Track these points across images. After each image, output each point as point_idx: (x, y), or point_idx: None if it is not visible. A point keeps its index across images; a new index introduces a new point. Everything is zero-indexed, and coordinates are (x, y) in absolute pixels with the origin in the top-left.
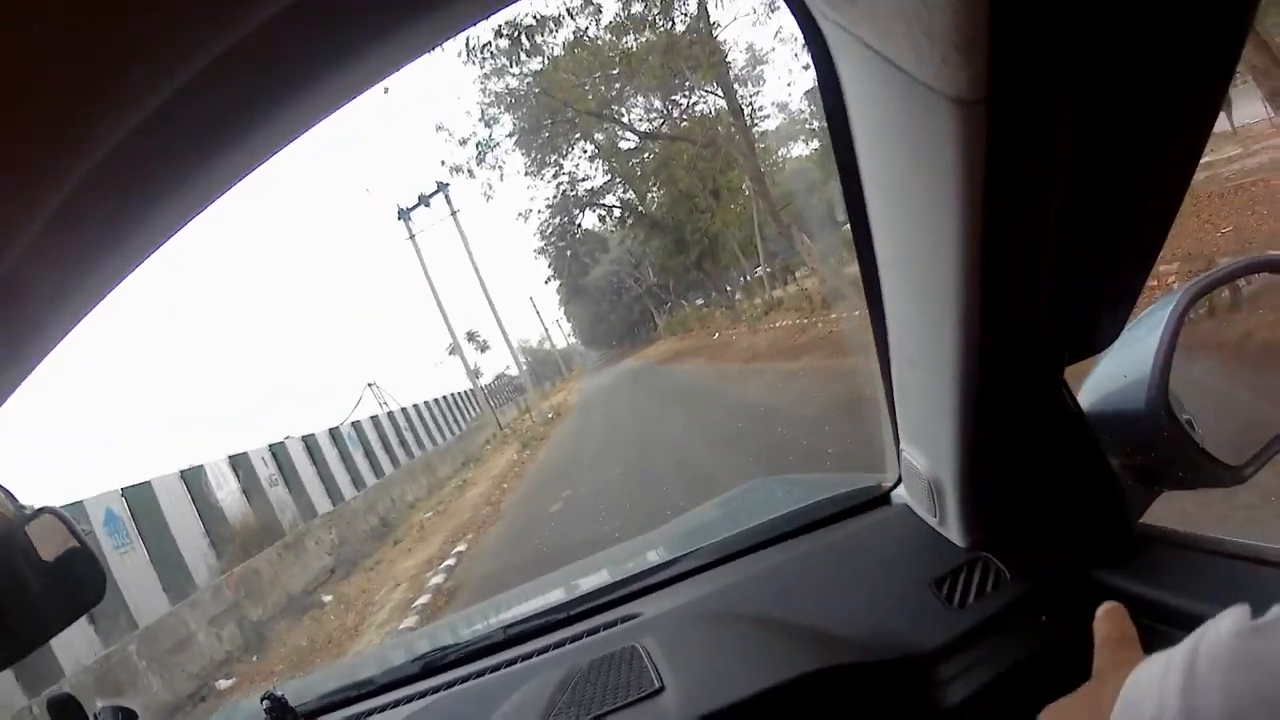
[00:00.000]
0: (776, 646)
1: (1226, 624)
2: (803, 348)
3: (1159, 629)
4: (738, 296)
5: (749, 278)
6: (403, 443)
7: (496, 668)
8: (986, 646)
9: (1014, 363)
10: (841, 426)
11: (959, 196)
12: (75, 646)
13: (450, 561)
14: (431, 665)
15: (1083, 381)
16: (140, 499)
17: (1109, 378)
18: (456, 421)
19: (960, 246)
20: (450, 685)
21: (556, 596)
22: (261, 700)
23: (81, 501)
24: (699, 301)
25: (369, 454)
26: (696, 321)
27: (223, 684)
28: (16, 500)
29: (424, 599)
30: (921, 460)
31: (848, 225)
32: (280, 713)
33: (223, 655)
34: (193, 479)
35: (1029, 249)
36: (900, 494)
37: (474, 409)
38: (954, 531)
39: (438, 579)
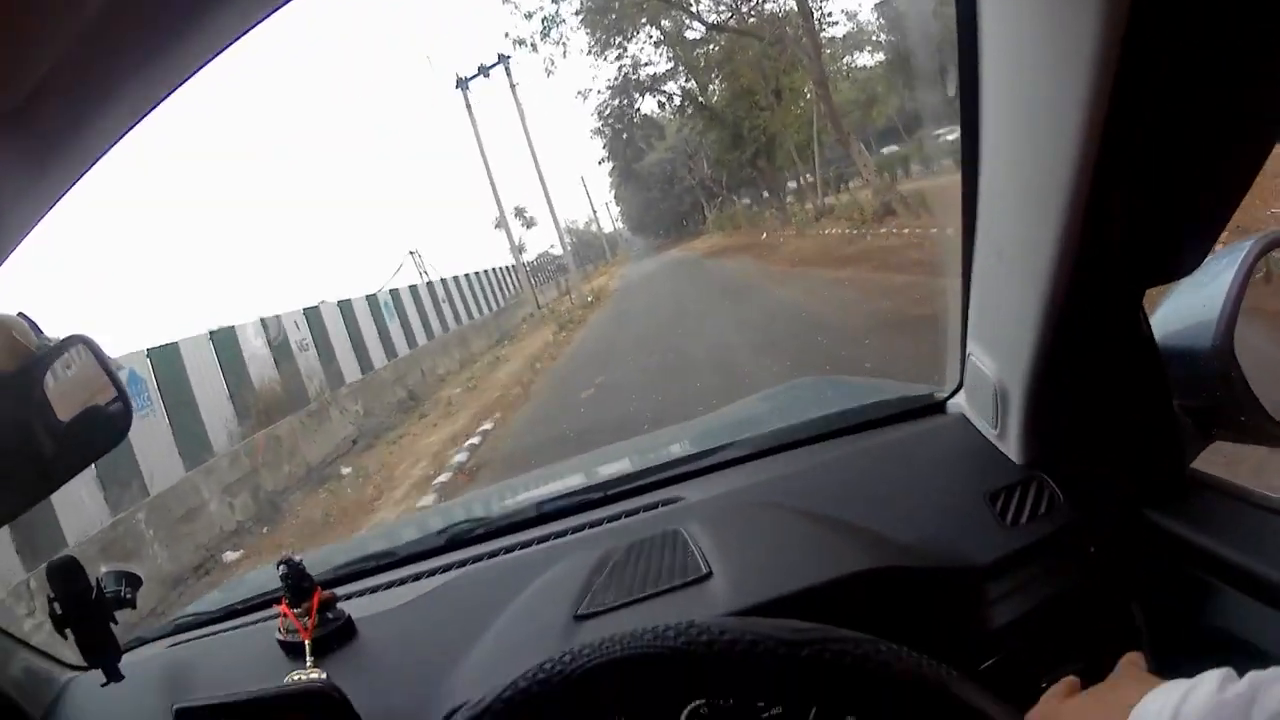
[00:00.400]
0: (827, 542)
1: (1208, 686)
2: (850, 258)
3: (1203, 578)
4: (789, 199)
5: (802, 182)
6: (439, 314)
7: (527, 544)
8: (1034, 571)
9: (1103, 274)
10: (882, 341)
11: (1089, 84)
12: (83, 514)
13: (475, 440)
14: (456, 539)
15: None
16: (166, 360)
17: (1179, 312)
18: (495, 297)
19: (1080, 138)
20: (477, 559)
21: (590, 477)
22: (278, 565)
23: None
24: (747, 201)
25: (404, 323)
26: (745, 220)
27: (229, 556)
28: (40, 330)
29: (444, 477)
30: (991, 364)
31: (908, 141)
32: (297, 578)
33: (233, 526)
34: (222, 340)
35: (1143, 154)
36: (957, 403)
37: (514, 286)
38: (1012, 446)
39: (460, 457)
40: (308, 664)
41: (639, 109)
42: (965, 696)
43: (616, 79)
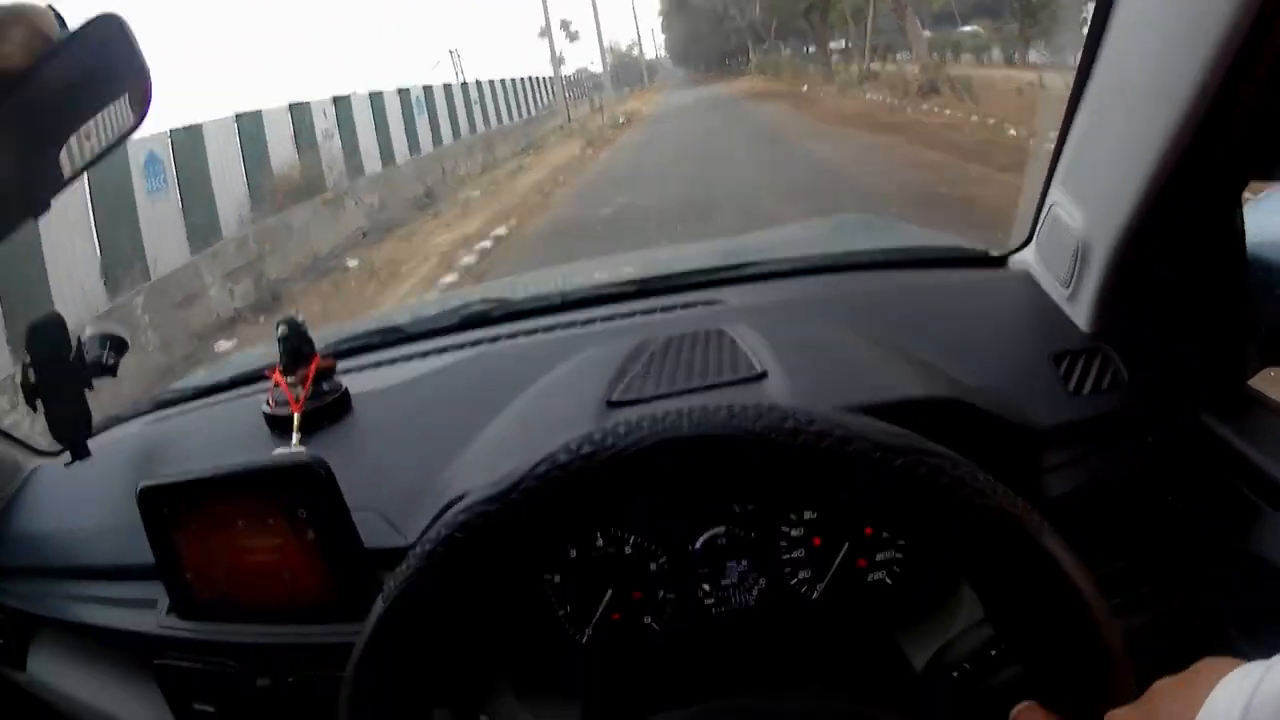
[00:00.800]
0: (890, 363)
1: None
2: (888, 126)
3: (1252, 499)
4: (834, 58)
5: (849, 44)
6: (469, 116)
7: (550, 329)
8: (1092, 447)
9: (1219, 145)
10: (909, 212)
11: None
12: (82, 301)
13: (486, 244)
14: (473, 319)
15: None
16: (187, 142)
17: (1271, 219)
18: (527, 107)
19: None
20: (494, 340)
21: (621, 274)
22: (277, 325)
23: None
24: (791, 52)
25: (432, 121)
26: (789, 69)
27: (222, 345)
28: (66, 26)
29: (450, 278)
30: (1079, 218)
31: (964, 28)
32: (296, 341)
33: (231, 313)
34: (247, 124)
35: None
36: (1021, 260)
37: (547, 99)
38: (1082, 310)
39: (470, 259)
40: (294, 440)
41: None
42: (1054, 552)
43: None
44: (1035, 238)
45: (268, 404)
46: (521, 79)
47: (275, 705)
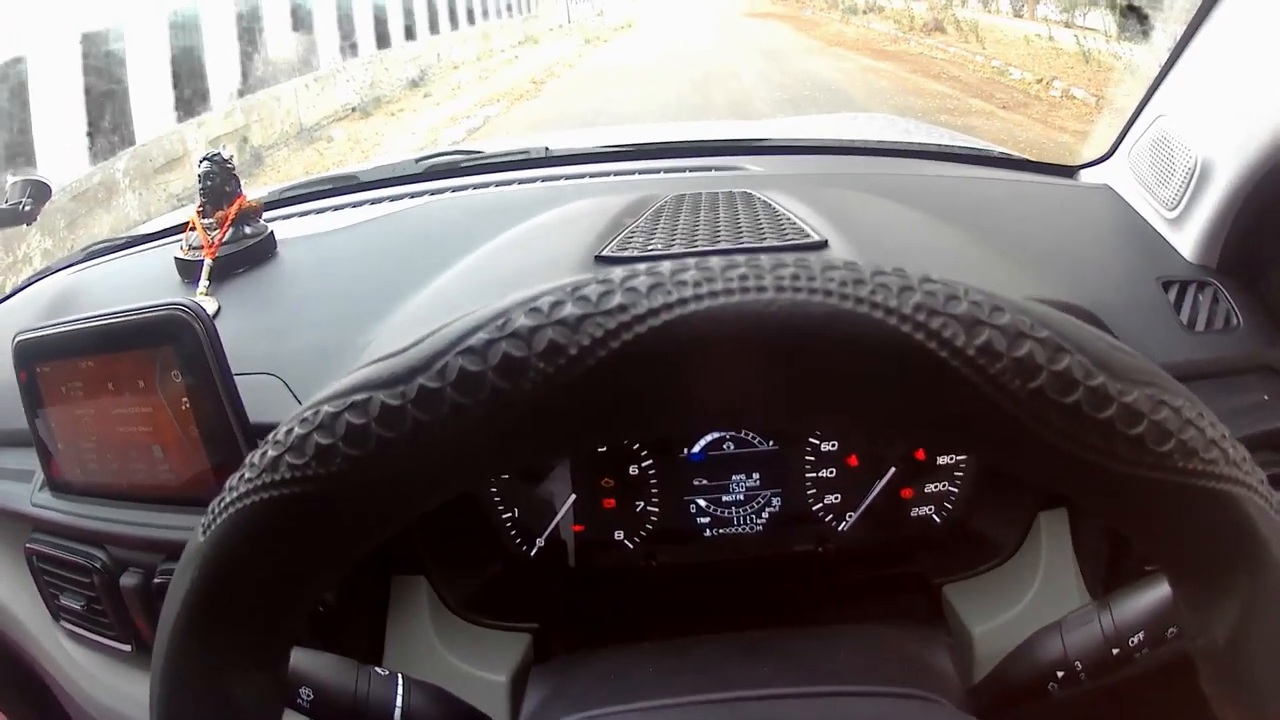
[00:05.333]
0: (975, 253)
1: None
2: (889, 55)
3: None
4: None
5: None
6: (469, 8)
7: (529, 182)
8: (1211, 392)
9: None
10: None
11: None
12: (64, 165)
13: (474, 122)
14: (439, 169)
15: None
16: (181, 17)
17: None
18: (526, 4)
19: None
20: (460, 190)
21: (624, 136)
22: (200, 162)
23: (120, 24)
24: None
25: (432, 7)
26: None
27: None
28: None
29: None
30: (1201, 136)
31: None
32: (219, 179)
33: None
34: (242, 3)
35: None
36: (1099, 175)
37: None
38: (1190, 237)
39: (455, 135)
40: (200, 288)
41: None
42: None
43: None
44: (1126, 152)
45: (181, 248)
46: None
47: (141, 609)
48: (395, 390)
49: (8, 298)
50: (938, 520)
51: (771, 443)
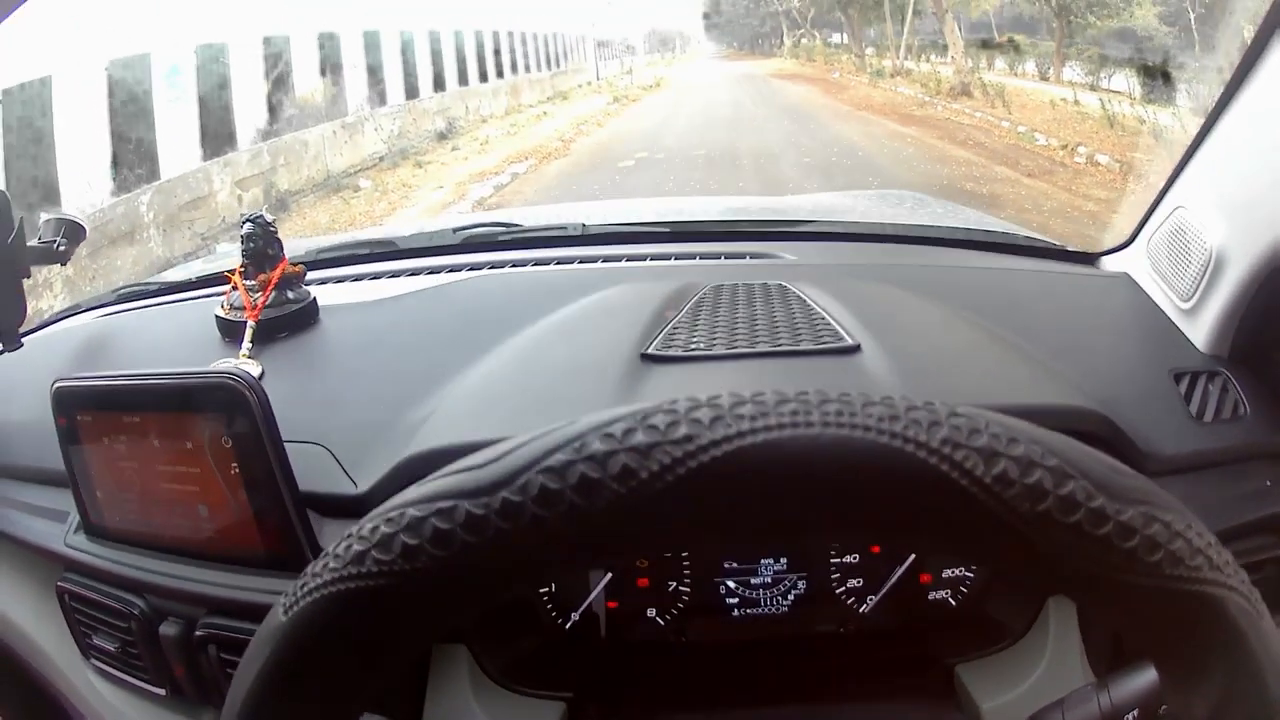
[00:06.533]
0: (1002, 356)
1: None
2: (916, 119)
3: None
4: (869, 51)
5: (885, 39)
6: (497, 61)
7: (567, 261)
8: (1218, 483)
9: None
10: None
11: None
12: (87, 196)
13: (502, 179)
14: (475, 240)
15: None
16: (211, 57)
17: None
18: (556, 60)
19: None
20: (499, 266)
21: (653, 212)
22: (242, 223)
23: (148, 54)
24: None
25: (460, 60)
26: (821, 56)
27: (224, 248)
28: None
29: (463, 207)
30: (1219, 228)
31: (1002, 38)
32: (262, 241)
33: (236, 218)
34: (273, 46)
35: None
36: (1119, 263)
37: (578, 54)
38: (1203, 328)
39: (483, 192)
40: (243, 350)
41: None
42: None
43: None
44: (1145, 241)
45: (223, 307)
46: (553, 34)
47: (180, 658)
48: (480, 501)
49: (37, 329)
50: (953, 603)
51: None
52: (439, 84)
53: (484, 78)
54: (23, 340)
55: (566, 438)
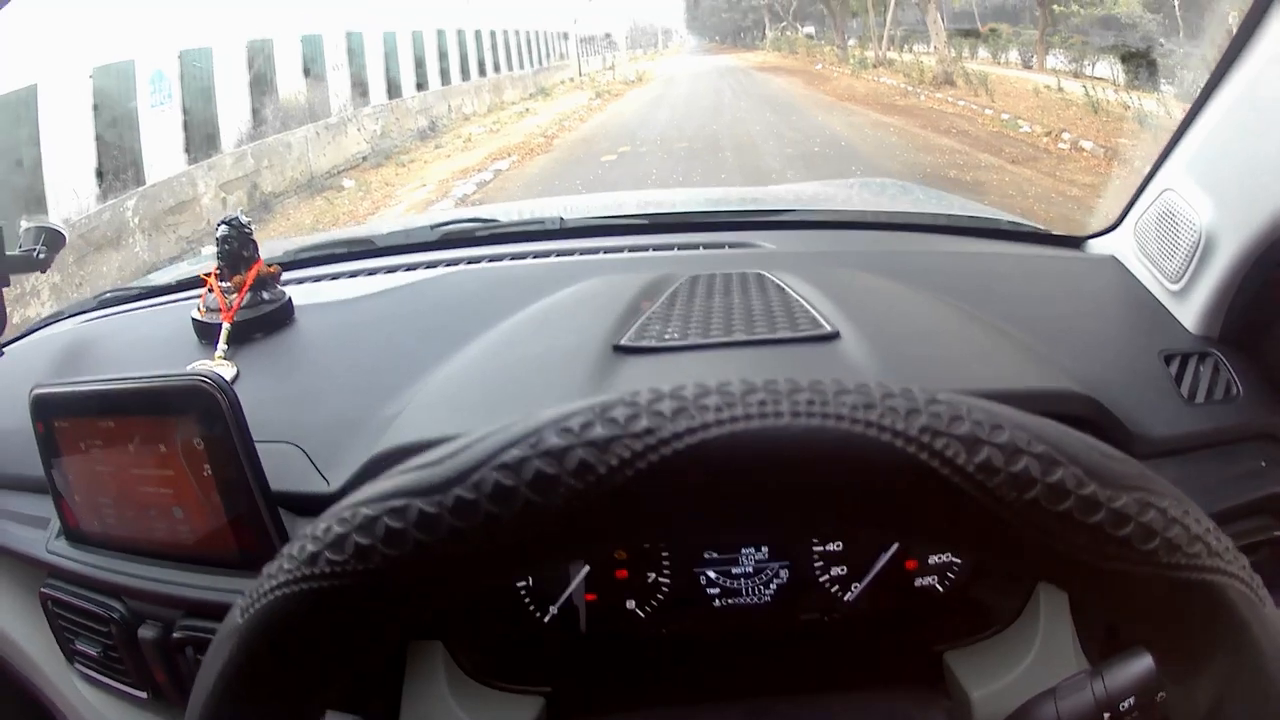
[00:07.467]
0: (985, 340)
1: None
2: (899, 109)
3: None
4: (851, 43)
5: (868, 30)
6: (479, 59)
7: (544, 254)
8: (1210, 466)
9: None
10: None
11: None
12: (74, 203)
13: (486, 176)
14: (452, 236)
15: None
16: (195, 62)
17: None
18: (538, 57)
19: None
20: (475, 261)
21: (635, 206)
22: (217, 226)
23: (133, 61)
24: (809, 32)
25: (443, 59)
26: (804, 48)
27: (209, 250)
28: None
29: (444, 204)
30: (1207, 209)
31: (985, 28)
32: (236, 243)
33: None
34: (256, 50)
35: None
36: (1105, 246)
37: (560, 52)
38: (1192, 309)
39: (467, 188)
40: (218, 352)
41: None
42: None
43: None
44: (1132, 224)
45: (199, 309)
46: (536, 31)
47: (159, 661)
48: (432, 499)
49: (20, 338)
50: (940, 590)
51: None
52: (421, 83)
53: (466, 76)
54: (4, 350)
55: (522, 433)
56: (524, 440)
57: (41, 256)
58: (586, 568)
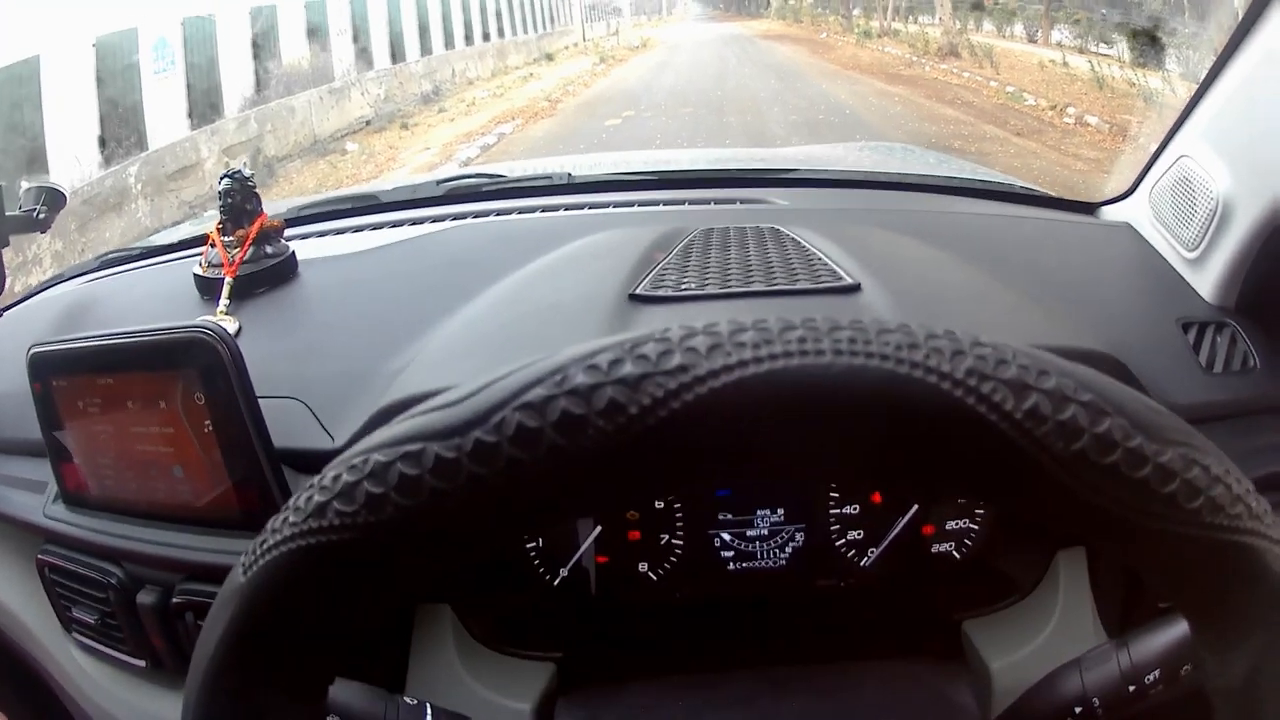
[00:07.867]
0: (1004, 298)
1: None
2: (903, 78)
3: None
4: (856, 12)
5: (874, 1)
6: (484, 23)
7: (553, 209)
8: (1228, 436)
9: None
10: None
11: None
12: (76, 170)
13: (489, 139)
14: (459, 191)
15: None
16: (198, 28)
17: None
18: (543, 23)
19: None
20: (483, 215)
21: (645, 163)
22: (220, 179)
23: (135, 29)
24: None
25: (447, 24)
26: (809, 17)
27: (212, 213)
28: None
29: (449, 168)
30: (1225, 176)
31: (990, 1)
32: (240, 196)
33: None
34: (259, 16)
35: None
36: (1119, 213)
37: (565, 17)
38: (1209, 278)
39: (471, 152)
40: (220, 307)
41: None
42: None
43: None
44: (1147, 191)
45: (201, 264)
46: None
47: (158, 627)
48: (450, 443)
49: (20, 302)
50: (958, 557)
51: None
52: (426, 48)
53: (470, 40)
54: (2, 313)
55: (546, 370)
56: (549, 378)
57: (42, 217)
58: (598, 528)
